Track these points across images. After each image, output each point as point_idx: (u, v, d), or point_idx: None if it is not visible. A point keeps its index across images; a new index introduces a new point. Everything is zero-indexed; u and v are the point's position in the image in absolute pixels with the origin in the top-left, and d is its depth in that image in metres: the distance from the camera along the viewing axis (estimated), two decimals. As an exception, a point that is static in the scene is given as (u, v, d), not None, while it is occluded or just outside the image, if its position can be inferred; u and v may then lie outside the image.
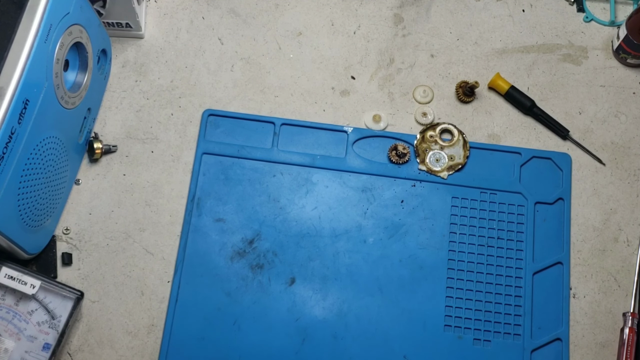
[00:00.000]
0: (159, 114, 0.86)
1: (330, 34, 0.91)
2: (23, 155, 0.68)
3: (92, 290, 0.79)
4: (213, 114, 0.86)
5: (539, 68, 0.90)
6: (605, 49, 0.91)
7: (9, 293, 0.73)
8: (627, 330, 0.78)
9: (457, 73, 0.89)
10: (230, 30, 0.91)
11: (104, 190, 0.83)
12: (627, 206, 0.84)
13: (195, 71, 0.89)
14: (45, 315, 0.74)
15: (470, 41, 0.91)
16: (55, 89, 0.71)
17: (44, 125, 0.70)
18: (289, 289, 0.79)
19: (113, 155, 0.84)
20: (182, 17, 0.91)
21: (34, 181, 0.71)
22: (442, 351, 0.77)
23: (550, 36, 0.91)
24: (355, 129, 0.86)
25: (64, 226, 0.81)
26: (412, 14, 0.92)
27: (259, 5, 0.92)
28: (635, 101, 0.89)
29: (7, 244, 0.71)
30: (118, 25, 0.87)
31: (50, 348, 0.73)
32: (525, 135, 0.87)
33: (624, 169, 0.86)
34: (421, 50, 0.90)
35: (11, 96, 0.64)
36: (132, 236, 0.81)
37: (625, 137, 0.87)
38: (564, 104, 0.88)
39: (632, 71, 0.90)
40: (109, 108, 0.86)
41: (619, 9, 0.93)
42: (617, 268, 0.82)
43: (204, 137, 0.85)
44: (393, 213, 0.82)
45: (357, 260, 0.81)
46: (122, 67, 0.88)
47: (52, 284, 0.74)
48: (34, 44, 0.66)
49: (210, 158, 0.84)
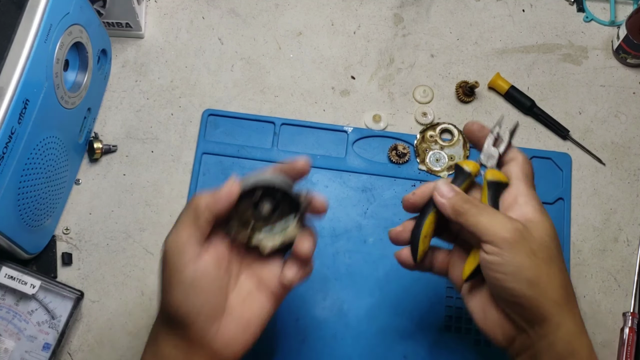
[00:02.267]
0: (159, 113, 0.86)
1: (330, 34, 0.91)
2: (23, 155, 0.68)
3: (92, 290, 0.79)
4: (213, 114, 0.86)
5: (539, 68, 0.90)
6: (605, 48, 0.91)
7: (9, 293, 0.73)
8: (627, 330, 0.78)
9: (457, 73, 0.89)
10: (230, 30, 0.91)
11: (104, 190, 0.83)
12: (627, 206, 0.84)
13: (195, 71, 0.89)
14: (45, 315, 0.74)
15: (470, 41, 0.91)
16: (55, 89, 0.71)
17: (44, 125, 0.70)
18: (289, 288, 0.79)
19: (113, 155, 0.84)
20: (182, 17, 0.91)
21: (34, 181, 0.71)
22: (442, 351, 0.77)
23: (550, 36, 0.91)
24: (355, 129, 0.86)
25: (64, 226, 0.81)
26: (412, 14, 0.92)
27: (259, 5, 0.92)
28: (636, 101, 0.89)
29: (7, 243, 0.71)
30: (118, 25, 0.87)
31: (50, 348, 0.73)
32: (525, 135, 0.87)
33: (624, 169, 0.86)
34: (421, 50, 0.90)
35: (11, 96, 0.64)
36: (132, 236, 0.81)
37: (625, 137, 0.87)
38: (564, 104, 0.88)
39: (632, 71, 0.90)
40: (109, 108, 0.86)
41: (619, 9, 0.93)
42: (617, 268, 0.82)
43: (204, 137, 0.85)
44: (393, 213, 0.82)
45: (357, 260, 0.81)
46: (122, 67, 0.88)
47: (52, 284, 0.74)
48: (34, 44, 0.66)
49: (210, 158, 0.84)
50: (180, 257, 0.57)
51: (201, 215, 0.58)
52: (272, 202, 0.61)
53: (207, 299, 0.58)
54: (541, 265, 0.58)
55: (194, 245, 0.58)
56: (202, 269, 0.58)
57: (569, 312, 0.58)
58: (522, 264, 0.57)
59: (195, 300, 0.58)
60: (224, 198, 0.58)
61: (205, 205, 0.58)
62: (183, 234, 0.58)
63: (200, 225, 0.58)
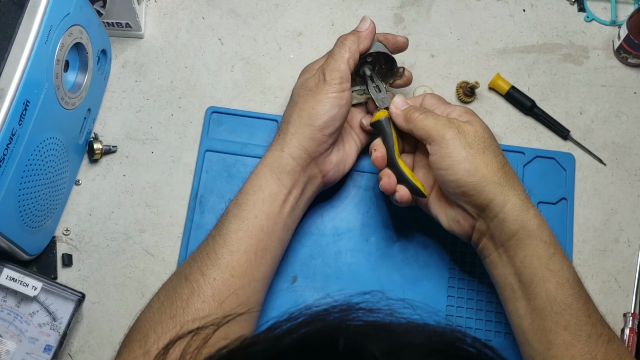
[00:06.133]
0: (159, 114, 0.86)
1: (330, 34, 0.91)
2: (24, 157, 0.68)
3: (92, 292, 0.79)
4: (216, 112, 0.86)
5: (539, 68, 0.90)
6: (606, 48, 0.91)
7: (10, 295, 0.73)
8: (628, 331, 0.79)
9: (458, 73, 0.89)
10: (230, 30, 0.91)
11: (104, 191, 0.83)
12: (628, 206, 0.84)
13: (195, 71, 0.88)
14: (46, 317, 0.73)
15: (470, 41, 0.91)
16: (55, 90, 0.70)
17: (45, 126, 0.70)
18: (290, 287, 0.79)
19: (113, 156, 0.84)
20: (182, 17, 0.91)
21: (34, 182, 0.71)
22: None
23: (550, 36, 0.91)
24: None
25: (64, 227, 0.81)
26: (413, 14, 0.92)
27: (259, 5, 0.92)
28: (636, 101, 0.89)
29: (7, 245, 0.70)
30: (118, 25, 0.86)
31: (52, 350, 0.73)
32: (526, 136, 0.87)
33: (625, 169, 0.86)
34: (421, 51, 0.90)
35: (12, 97, 0.64)
36: (133, 237, 0.81)
37: (626, 137, 0.87)
38: (564, 104, 0.88)
39: (633, 71, 0.90)
40: (108, 108, 0.86)
41: (619, 9, 0.93)
42: (618, 268, 0.82)
43: (207, 134, 0.85)
44: (395, 212, 0.82)
45: (359, 259, 0.81)
46: (122, 67, 0.88)
47: (53, 285, 0.74)
48: (34, 45, 0.65)
49: (213, 155, 0.84)
50: (336, 86, 0.72)
51: (354, 49, 0.73)
52: (373, 68, 0.79)
53: (341, 122, 0.73)
54: (477, 155, 0.68)
55: (347, 79, 0.73)
56: (346, 98, 0.73)
57: (511, 190, 0.68)
58: (459, 156, 0.68)
59: (337, 121, 0.73)
60: (368, 35, 0.75)
61: (353, 41, 0.74)
62: (340, 68, 0.72)
63: (352, 59, 0.73)
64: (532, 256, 0.67)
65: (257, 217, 0.71)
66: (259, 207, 0.71)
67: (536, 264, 0.66)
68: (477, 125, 0.70)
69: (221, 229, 0.71)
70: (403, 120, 0.73)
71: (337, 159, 0.76)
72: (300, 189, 0.73)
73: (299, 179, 0.73)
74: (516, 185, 0.69)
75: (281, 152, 0.72)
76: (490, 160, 0.68)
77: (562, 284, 0.66)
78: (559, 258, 0.67)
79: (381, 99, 0.77)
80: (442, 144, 0.69)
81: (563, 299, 0.65)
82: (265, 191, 0.72)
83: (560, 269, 0.67)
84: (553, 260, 0.67)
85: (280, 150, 0.73)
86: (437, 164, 0.69)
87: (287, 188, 0.72)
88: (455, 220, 0.72)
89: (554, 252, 0.67)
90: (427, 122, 0.70)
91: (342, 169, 0.78)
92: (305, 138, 0.72)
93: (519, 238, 0.67)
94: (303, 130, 0.72)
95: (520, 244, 0.67)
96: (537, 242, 0.67)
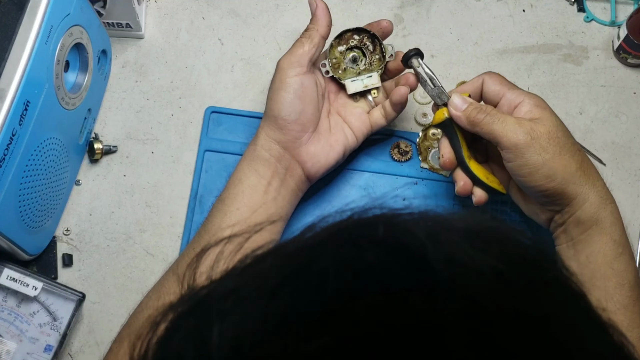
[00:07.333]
0: (159, 114, 0.86)
1: (330, 34, 0.91)
2: (24, 157, 0.68)
3: (92, 292, 0.79)
4: (216, 111, 0.86)
5: (539, 68, 0.90)
6: (605, 49, 0.91)
7: (10, 295, 0.73)
8: (628, 330, 0.79)
9: (458, 73, 0.89)
10: (230, 30, 0.91)
11: (105, 191, 0.83)
12: (628, 206, 0.84)
13: (196, 72, 0.88)
14: (47, 317, 0.74)
15: (470, 41, 0.91)
16: (56, 90, 0.71)
17: (45, 127, 0.70)
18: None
19: (113, 156, 0.84)
20: (182, 17, 0.91)
21: (34, 182, 0.71)
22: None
23: (550, 36, 0.91)
24: (356, 129, 0.86)
25: (64, 227, 0.81)
26: (413, 14, 0.92)
27: (259, 6, 0.92)
28: (636, 101, 0.89)
29: (7, 245, 0.71)
30: (118, 25, 0.86)
31: (52, 350, 0.73)
32: (526, 136, 0.87)
33: (625, 169, 0.86)
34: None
35: (12, 98, 0.64)
36: (133, 237, 0.81)
37: (625, 137, 0.87)
38: (564, 104, 0.88)
39: (633, 71, 0.90)
40: (109, 108, 0.86)
41: (619, 9, 0.93)
42: (618, 268, 0.82)
43: (207, 134, 0.85)
44: (394, 213, 0.82)
45: (359, 260, 0.80)
46: (122, 67, 0.88)
47: (54, 285, 0.74)
48: (34, 45, 0.66)
49: (212, 155, 0.84)
50: (290, 71, 0.72)
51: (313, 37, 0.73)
52: (360, 53, 0.78)
53: (304, 108, 0.73)
54: (554, 159, 0.66)
55: (303, 64, 0.72)
56: (306, 83, 0.72)
57: (591, 187, 0.67)
58: (536, 163, 0.65)
59: (296, 106, 0.72)
60: (321, 15, 0.74)
61: (312, 28, 0.74)
62: (297, 53, 0.73)
63: (311, 42, 0.73)
64: (597, 253, 0.66)
65: (238, 209, 0.72)
66: (240, 200, 0.72)
67: (600, 261, 0.66)
68: (550, 125, 0.67)
69: (206, 225, 0.73)
70: (466, 123, 0.69)
71: (316, 150, 0.75)
72: (279, 179, 0.74)
73: (277, 170, 0.73)
74: (595, 181, 0.68)
75: (255, 144, 0.74)
76: (567, 162, 0.66)
77: (622, 285, 0.65)
78: (626, 259, 0.67)
79: (437, 94, 0.72)
80: (515, 152, 0.66)
81: (620, 299, 0.65)
82: (244, 183, 0.73)
83: (625, 270, 0.66)
84: (619, 260, 0.66)
85: (254, 144, 0.74)
86: (513, 170, 0.67)
87: (266, 179, 0.73)
88: (534, 212, 0.72)
89: (622, 252, 0.67)
90: (494, 127, 0.66)
91: (324, 161, 0.75)
92: (271, 129, 0.73)
93: (590, 234, 0.67)
94: (269, 122, 0.74)
95: (589, 239, 0.67)
96: (606, 240, 0.67)
